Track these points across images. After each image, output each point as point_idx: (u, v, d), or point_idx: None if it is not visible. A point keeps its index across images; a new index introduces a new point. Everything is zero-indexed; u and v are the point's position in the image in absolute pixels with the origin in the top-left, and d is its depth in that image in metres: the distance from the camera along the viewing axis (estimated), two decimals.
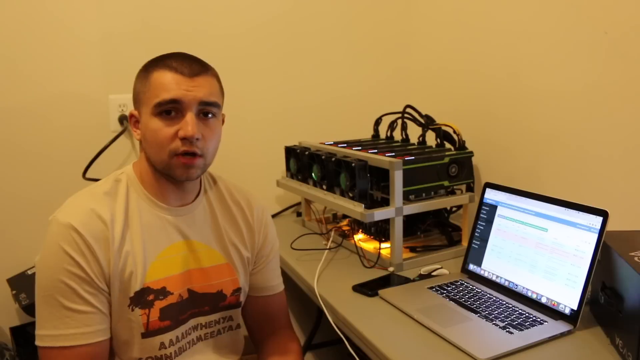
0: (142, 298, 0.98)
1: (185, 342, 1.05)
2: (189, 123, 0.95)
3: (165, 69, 0.97)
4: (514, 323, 1.02)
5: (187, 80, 0.96)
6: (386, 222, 1.37)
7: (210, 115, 1.00)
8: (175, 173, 0.98)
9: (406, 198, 1.35)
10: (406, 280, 1.26)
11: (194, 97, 0.96)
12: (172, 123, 0.96)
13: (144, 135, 0.99)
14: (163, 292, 1.00)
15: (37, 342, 0.93)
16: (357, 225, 1.52)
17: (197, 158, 0.98)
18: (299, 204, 1.84)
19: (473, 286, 1.20)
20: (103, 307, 0.95)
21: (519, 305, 1.09)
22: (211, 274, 1.08)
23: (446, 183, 1.41)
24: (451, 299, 1.14)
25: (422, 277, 1.28)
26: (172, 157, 0.96)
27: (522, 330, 1.00)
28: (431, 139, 1.56)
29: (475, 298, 1.14)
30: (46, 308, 0.92)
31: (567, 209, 1.07)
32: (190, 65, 0.98)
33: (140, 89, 1.00)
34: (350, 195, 1.37)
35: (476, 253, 1.25)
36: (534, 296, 1.09)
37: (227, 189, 1.14)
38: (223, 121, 1.07)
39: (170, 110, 0.96)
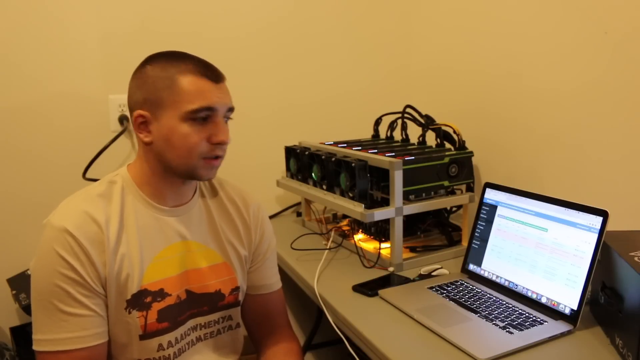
0: (140, 300, 0.98)
1: (185, 343, 1.05)
2: (223, 130, 0.98)
3: (196, 75, 0.96)
4: (514, 323, 1.02)
5: (216, 86, 0.98)
6: (386, 222, 1.37)
7: (227, 120, 1.03)
8: (200, 173, 1.00)
9: (406, 198, 1.35)
10: (406, 280, 1.26)
11: (225, 104, 0.99)
12: (203, 128, 0.97)
13: (167, 138, 0.97)
14: (161, 294, 1.00)
15: (34, 347, 0.92)
16: (357, 225, 1.52)
17: (219, 159, 1.02)
18: (299, 204, 1.84)
19: (473, 286, 1.19)
20: (100, 310, 0.95)
21: (519, 305, 1.09)
22: (209, 274, 1.07)
23: (446, 183, 1.41)
24: (451, 299, 1.13)
25: (422, 277, 1.28)
26: (200, 159, 0.98)
27: (522, 330, 1.00)
28: (431, 139, 1.56)
29: (475, 298, 1.14)
30: (42, 312, 0.92)
31: (567, 209, 1.07)
32: (214, 71, 1.00)
33: (161, 93, 0.96)
34: (350, 195, 1.37)
35: (476, 253, 1.25)
36: (534, 296, 1.09)
37: (222, 187, 1.14)
38: None
39: (204, 116, 0.97)
